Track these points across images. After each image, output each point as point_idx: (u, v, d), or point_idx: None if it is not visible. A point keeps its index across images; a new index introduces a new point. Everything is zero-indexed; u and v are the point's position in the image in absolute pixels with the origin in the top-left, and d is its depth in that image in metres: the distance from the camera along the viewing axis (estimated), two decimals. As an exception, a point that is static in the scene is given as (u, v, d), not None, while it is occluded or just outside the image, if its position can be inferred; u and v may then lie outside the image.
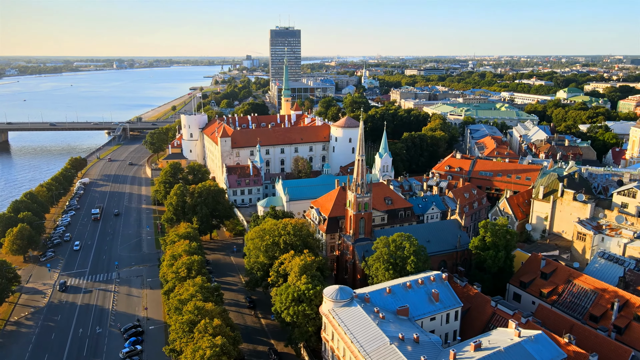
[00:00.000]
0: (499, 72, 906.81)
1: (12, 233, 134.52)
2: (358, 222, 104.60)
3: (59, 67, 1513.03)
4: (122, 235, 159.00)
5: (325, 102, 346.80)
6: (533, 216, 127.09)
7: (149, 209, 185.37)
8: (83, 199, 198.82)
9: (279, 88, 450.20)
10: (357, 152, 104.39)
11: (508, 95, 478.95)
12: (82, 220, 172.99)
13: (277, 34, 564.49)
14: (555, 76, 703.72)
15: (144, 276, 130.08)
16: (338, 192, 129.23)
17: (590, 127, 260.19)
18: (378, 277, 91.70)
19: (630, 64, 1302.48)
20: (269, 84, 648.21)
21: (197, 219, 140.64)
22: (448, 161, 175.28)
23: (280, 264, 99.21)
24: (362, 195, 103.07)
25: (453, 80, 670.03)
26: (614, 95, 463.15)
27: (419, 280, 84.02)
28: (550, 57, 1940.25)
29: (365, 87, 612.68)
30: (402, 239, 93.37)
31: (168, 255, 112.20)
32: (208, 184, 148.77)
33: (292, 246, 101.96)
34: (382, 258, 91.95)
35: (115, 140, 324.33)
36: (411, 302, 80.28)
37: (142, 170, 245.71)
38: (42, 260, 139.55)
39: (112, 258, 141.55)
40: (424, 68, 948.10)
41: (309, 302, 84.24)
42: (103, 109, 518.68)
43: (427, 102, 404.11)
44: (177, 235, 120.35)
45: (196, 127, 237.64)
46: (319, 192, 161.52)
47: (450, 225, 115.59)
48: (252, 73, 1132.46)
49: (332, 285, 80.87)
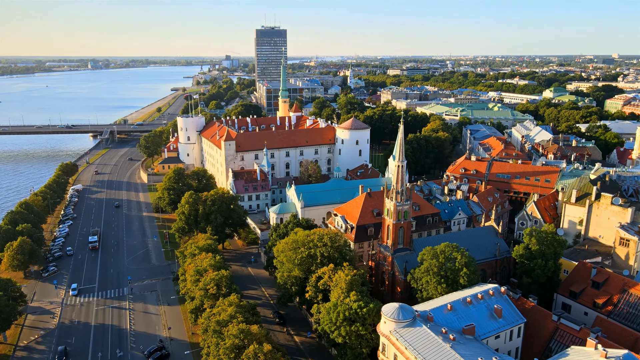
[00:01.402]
0: (480, 71, 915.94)
1: (11, 247, 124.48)
2: (397, 231, 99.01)
3: (31, 68, 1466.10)
4: (128, 246, 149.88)
5: (319, 102, 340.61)
6: (565, 220, 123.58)
7: (150, 217, 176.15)
8: (78, 207, 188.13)
9: (267, 88, 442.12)
10: (397, 158, 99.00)
11: (496, 94, 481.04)
12: (82, 231, 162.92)
13: (263, 34, 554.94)
14: (537, 76, 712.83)
15: (158, 291, 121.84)
16: (364, 198, 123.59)
17: (590, 127, 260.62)
18: (429, 291, 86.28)
19: (602, 63, 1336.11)
20: (255, 84, 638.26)
21: (212, 228, 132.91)
22: (463, 163, 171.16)
23: (319, 278, 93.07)
24: (402, 203, 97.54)
25: (438, 80, 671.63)
26: (598, 94, 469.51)
27: (479, 295, 78.85)
28: (524, 57, 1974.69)
29: (351, 87, 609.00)
30: (451, 249, 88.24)
31: (191, 269, 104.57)
32: (221, 190, 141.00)
33: (330, 259, 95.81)
34: (431, 270, 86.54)
35: (102, 143, 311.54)
36: (474, 319, 74.99)
37: (137, 175, 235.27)
38: (44, 276, 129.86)
39: (121, 272, 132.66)
40: (405, 68, 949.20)
41: (362, 321, 78.20)
42: (84, 110, 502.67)
43: (419, 102, 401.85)
44: (198, 248, 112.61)
45: (193, 129, 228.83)
46: (333, 198, 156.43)
47: (486, 232, 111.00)
48: (232, 73, 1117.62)
49: (391, 304, 74.91)
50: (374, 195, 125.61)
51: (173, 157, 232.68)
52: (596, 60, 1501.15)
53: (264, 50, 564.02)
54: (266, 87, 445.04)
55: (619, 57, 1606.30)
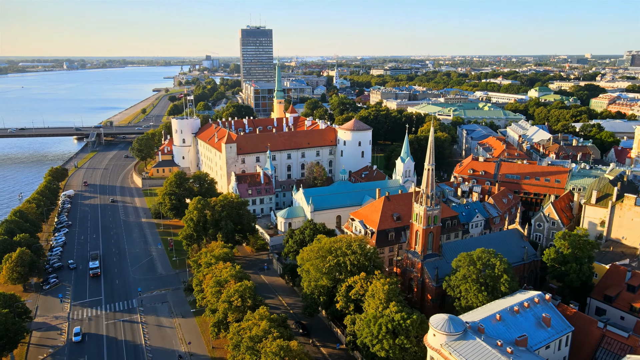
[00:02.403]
0: (461, 71, 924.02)
1: (10, 259, 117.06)
2: (427, 237, 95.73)
3: (4, 68, 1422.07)
4: (130, 255, 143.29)
5: (311, 103, 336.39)
6: (585, 222, 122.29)
7: (150, 223, 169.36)
8: (72, 213, 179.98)
9: (255, 89, 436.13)
10: (427, 161, 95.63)
11: (483, 94, 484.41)
12: (79, 239, 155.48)
13: (248, 34, 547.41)
14: (518, 75, 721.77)
15: (169, 302, 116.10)
16: (383, 202, 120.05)
17: (584, 126, 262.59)
18: (468, 299, 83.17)
19: (576, 63, 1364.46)
20: (240, 84, 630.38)
21: (223, 235, 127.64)
22: (470, 164, 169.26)
23: (349, 287, 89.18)
24: (432, 207, 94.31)
25: (422, 80, 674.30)
26: (582, 93, 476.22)
27: (525, 304, 76.03)
28: (500, 57, 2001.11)
29: (337, 87, 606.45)
30: (488, 255, 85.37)
31: (209, 280, 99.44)
32: (229, 195, 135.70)
33: (359, 267, 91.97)
34: (470, 278, 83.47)
35: (89, 146, 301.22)
36: (523, 329, 72.17)
37: (130, 179, 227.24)
38: (45, 289, 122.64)
39: (127, 283, 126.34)
40: (389, 68, 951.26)
41: (406, 333, 74.55)
42: (64, 112, 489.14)
43: (410, 102, 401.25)
44: (214, 257, 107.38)
45: (189, 131, 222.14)
46: (343, 201, 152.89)
47: (512, 236, 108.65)
48: (214, 74, 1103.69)
49: (438, 315, 71.47)
50: (393, 198, 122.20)
51: (167, 160, 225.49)
52: (570, 60, 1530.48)
53: (249, 50, 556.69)
54: (254, 87, 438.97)
55: (592, 57, 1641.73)
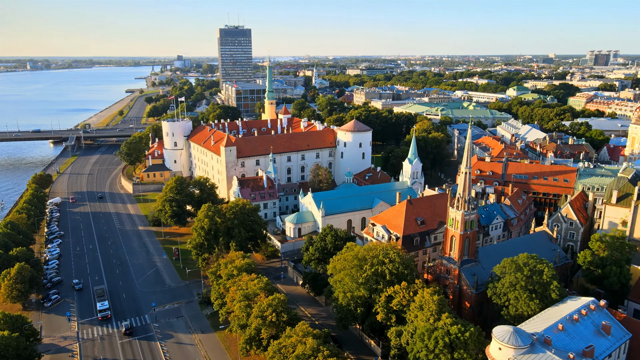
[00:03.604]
0: (435, 71, 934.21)
1: (9, 276, 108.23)
2: (464, 242, 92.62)
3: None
4: (133, 266, 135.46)
5: (299, 104, 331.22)
6: (605, 222, 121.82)
7: (149, 232, 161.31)
8: (62, 222, 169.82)
9: (237, 90, 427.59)
10: (463, 164, 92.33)
11: (463, 94, 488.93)
12: (75, 250, 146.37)
13: (227, 33, 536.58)
14: (493, 75, 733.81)
15: (185, 317, 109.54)
16: (406, 206, 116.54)
17: (572, 124, 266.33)
18: (517, 307, 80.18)
19: (542, 62, 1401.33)
20: (219, 85, 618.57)
21: (236, 243, 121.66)
22: (477, 164, 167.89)
23: (389, 297, 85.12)
24: (470, 212, 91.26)
25: (400, 80, 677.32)
26: (558, 92, 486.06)
27: (582, 311, 73.60)
28: (469, 56, 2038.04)
29: (316, 87, 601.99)
30: (534, 261, 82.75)
31: (235, 293, 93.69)
32: (240, 202, 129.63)
33: (398, 276, 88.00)
34: (518, 285, 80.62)
35: (69, 150, 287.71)
36: (585, 338, 69.72)
37: (118, 185, 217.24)
38: (47, 306, 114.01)
39: (136, 296, 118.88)
40: (364, 68, 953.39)
41: (464, 347, 70.97)
42: (35, 115, 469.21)
43: (394, 102, 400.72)
44: (235, 268, 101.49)
45: (181, 134, 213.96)
46: (353, 205, 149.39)
47: (541, 238, 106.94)
48: (186, 74, 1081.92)
49: (501, 327, 68.25)
50: (415, 202, 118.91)
51: (158, 165, 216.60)
52: (536, 60, 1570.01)
53: (227, 50, 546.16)
54: (235, 88, 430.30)
55: (556, 57, 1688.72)
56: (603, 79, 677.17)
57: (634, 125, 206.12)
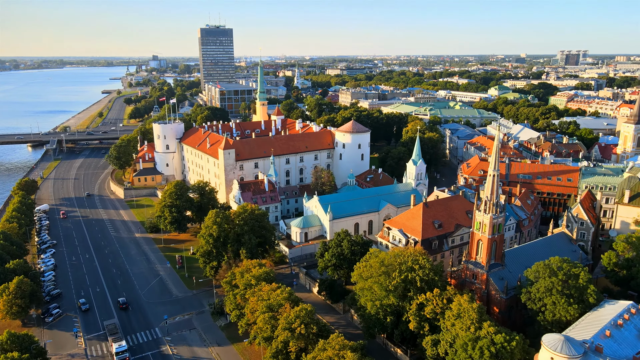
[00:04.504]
0: (413, 70, 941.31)
1: (7, 291, 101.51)
2: (492, 246, 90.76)
3: None
4: (135, 276, 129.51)
5: (287, 104, 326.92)
6: (617, 221, 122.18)
7: (147, 239, 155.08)
8: (53, 231, 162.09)
9: (221, 90, 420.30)
10: (492, 167, 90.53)
11: (446, 93, 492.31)
12: (71, 261, 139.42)
13: (208, 33, 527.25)
14: (472, 74, 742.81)
15: (198, 329, 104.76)
16: (422, 209, 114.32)
17: (560, 123, 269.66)
18: (555, 312, 78.54)
19: (515, 62, 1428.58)
20: (199, 85, 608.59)
21: (247, 250, 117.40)
22: (480, 165, 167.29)
23: (421, 305, 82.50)
24: (498, 215, 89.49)
25: (381, 80, 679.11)
26: (538, 91, 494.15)
27: (625, 316, 72.36)
28: (444, 56, 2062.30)
29: (299, 87, 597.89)
30: (569, 265, 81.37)
31: (256, 304, 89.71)
32: (249, 207, 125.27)
33: (429, 283, 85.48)
34: (554, 289, 79.03)
35: (50, 154, 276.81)
36: (633, 343, 68.39)
37: (108, 190, 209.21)
38: (49, 322, 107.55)
39: (142, 308, 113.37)
40: (344, 68, 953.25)
41: (511, 357, 68.80)
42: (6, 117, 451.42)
43: (381, 102, 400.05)
44: (254, 277, 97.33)
45: (173, 137, 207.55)
46: (360, 208, 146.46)
47: (560, 240, 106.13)
48: (163, 74, 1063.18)
49: (550, 335, 66.30)
50: (431, 205, 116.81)
51: (149, 168, 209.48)
52: (509, 59, 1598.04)
53: (209, 50, 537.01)
54: (219, 88, 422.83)
55: (527, 57, 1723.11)
56: (578, 78, 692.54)
57: (626, 124, 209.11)
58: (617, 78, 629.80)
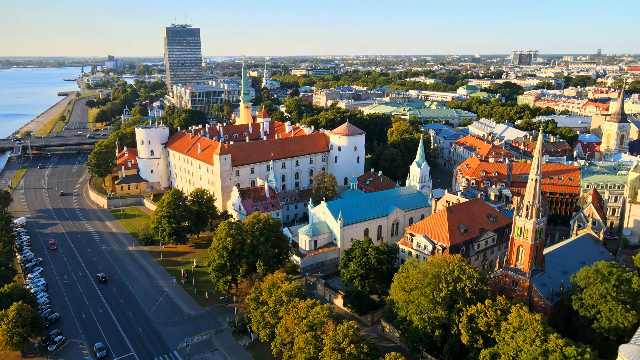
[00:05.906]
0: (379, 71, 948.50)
1: (6, 319, 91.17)
2: (533, 252, 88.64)
3: None
4: (138, 294, 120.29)
5: (267, 106, 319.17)
6: (630, 220, 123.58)
7: (142, 252, 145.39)
8: (36, 246, 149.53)
9: (192, 92, 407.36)
10: (533, 171, 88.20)
11: (417, 93, 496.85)
12: (63, 279, 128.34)
13: (174, 33, 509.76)
14: (437, 74, 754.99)
15: (221, 350, 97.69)
16: (446, 214, 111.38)
17: (539, 122, 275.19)
18: (612, 319, 76.90)
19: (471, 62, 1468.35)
20: (163, 87, 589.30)
21: (263, 262, 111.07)
22: (481, 166, 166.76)
23: (471, 317, 79.19)
24: (540, 220, 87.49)
25: (348, 80, 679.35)
26: (504, 91, 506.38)
27: (687, 321, 71.47)
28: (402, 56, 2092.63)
29: (267, 88, 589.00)
30: (619, 270, 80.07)
31: (293, 322, 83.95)
32: (262, 216, 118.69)
33: (477, 294, 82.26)
34: (608, 296, 77.49)
35: (15, 162, 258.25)
36: (701, 349, 67.27)
37: (88, 200, 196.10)
38: (52, 350, 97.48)
39: (155, 330, 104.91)
40: (310, 68, 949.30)
41: (584, 371, 66.33)
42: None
43: (357, 102, 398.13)
44: (284, 293, 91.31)
45: (157, 142, 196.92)
46: (369, 213, 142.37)
47: (587, 241, 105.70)
48: (121, 75, 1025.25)
49: (627, 345, 64.24)
50: (454, 209, 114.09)
51: (133, 176, 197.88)
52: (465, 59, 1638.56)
53: (175, 50, 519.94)
54: (190, 90, 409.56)
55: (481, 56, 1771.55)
56: (536, 77, 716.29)
57: (608, 122, 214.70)
58: (572, 77, 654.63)
